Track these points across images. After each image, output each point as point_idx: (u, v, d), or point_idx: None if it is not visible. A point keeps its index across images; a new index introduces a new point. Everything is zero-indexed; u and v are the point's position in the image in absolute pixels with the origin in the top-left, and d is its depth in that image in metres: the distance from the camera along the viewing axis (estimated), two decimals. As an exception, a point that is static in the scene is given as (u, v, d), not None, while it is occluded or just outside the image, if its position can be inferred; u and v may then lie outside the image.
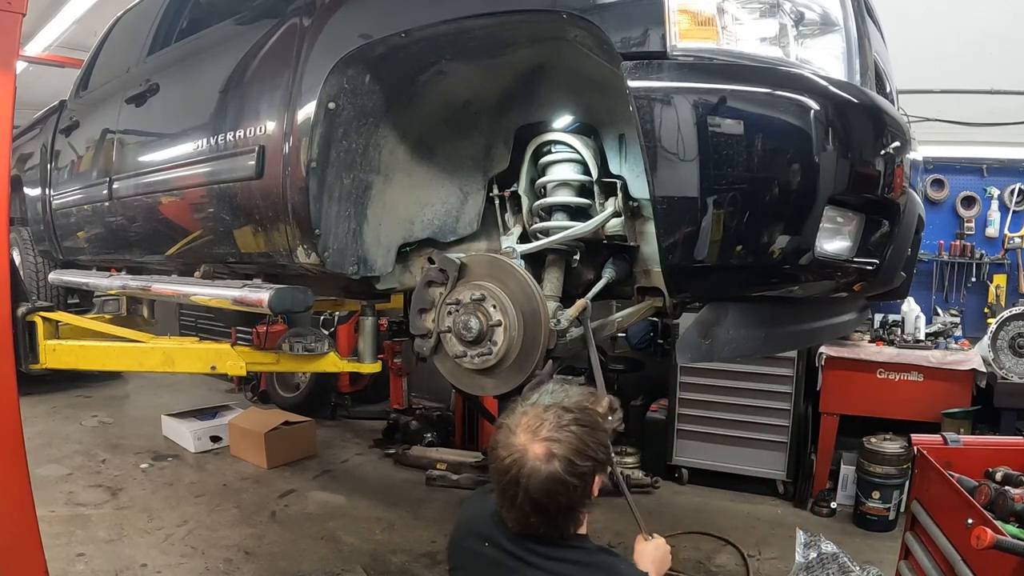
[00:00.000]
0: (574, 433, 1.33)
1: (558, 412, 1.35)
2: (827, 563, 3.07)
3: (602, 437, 1.37)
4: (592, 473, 1.35)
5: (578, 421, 1.35)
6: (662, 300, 2.16)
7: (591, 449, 1.34)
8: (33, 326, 3.11)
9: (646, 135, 1.62)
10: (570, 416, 1.35)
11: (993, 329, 4.11)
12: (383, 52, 2.07)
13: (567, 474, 1.31)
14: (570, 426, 1.33)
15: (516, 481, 1.32)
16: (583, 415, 1.36)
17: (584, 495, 1.36)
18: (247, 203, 2.43)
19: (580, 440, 1.33)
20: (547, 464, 1.31)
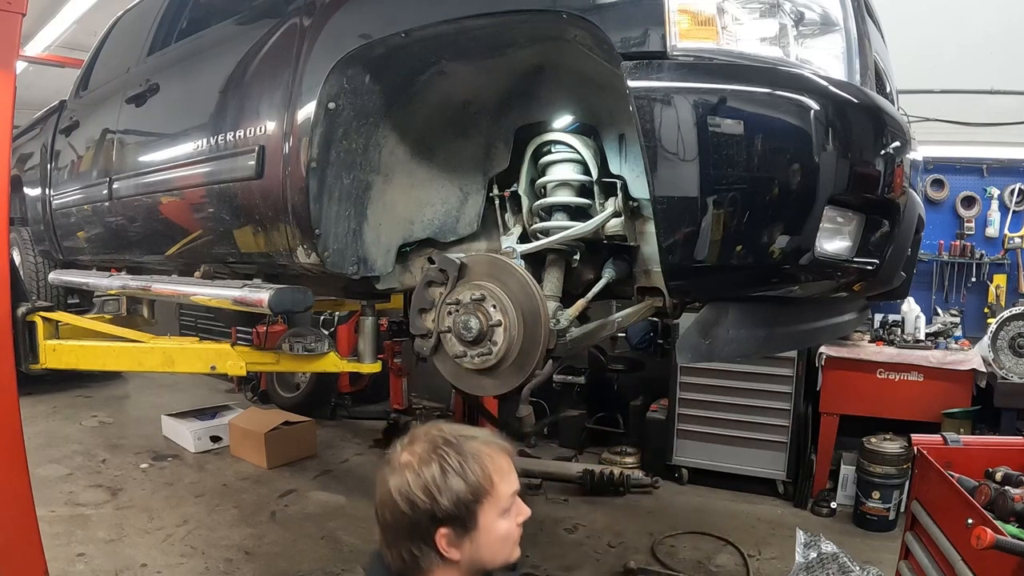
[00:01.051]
0: (437, 463, 1.25)
1: (444, 439, 1.28)
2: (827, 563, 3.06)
3: (459, 488, 1.24)
4: (430, 515, 1.23)
5: (446, 458, 1.25)
6: (662, 300, 2.15)
7: (439, 493, 1.22)
8: (33, 326, 3.11)
9: (646, 135, 1.62)
10: (447, 450, 1.26)
11: (993, 329, 4.11)
12: (383, 52, 2.07)
13: (400, 495, 1.24)
14: (438, 455, 1.26)
15: (378, 477, 1.30)
16: (459, 458, 1.26)
17: (418, 535, 1.25)
18: (247, 203, 2.43)
19: (433, 478, 1.23)
20: (392, 474, 1.27)
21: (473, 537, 1.26)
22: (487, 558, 1.29)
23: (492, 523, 1.27)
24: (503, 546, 1.30)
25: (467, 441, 1.29)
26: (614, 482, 4.55)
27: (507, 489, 1.29)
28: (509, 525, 1.30)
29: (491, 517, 1.27)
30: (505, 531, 1.29)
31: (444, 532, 1.25)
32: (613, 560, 3.69)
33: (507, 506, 1.29)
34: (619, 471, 4.65)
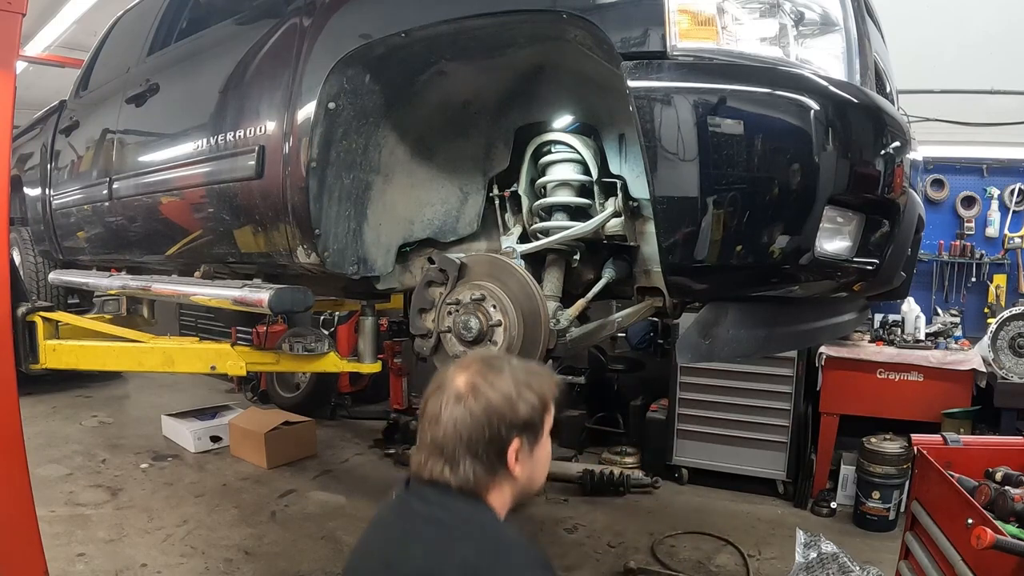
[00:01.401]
0: (507, 379, 1.25)
1: (502, 360, 1.30)
2: (827, 563, 3.06)
3: (531, 398, 1.25)
4: (509, 425, 1.23)
5: (515, 372, 1.27)
6: (662, 300, 2.16)
7: (517, 401, 1.23)
8: (33, 326, 3.11)
9: (646, 135, 1.62)
10: (513, 366, 1.29)
11: (993, 329, 4.11)
12: (383, 52, 2.07)
13: (479, 411, 1.22)
14: (506, 372, 1.26)
15: (429, 408, 1.26)
16: (526, 374, 1.28)
17: (493, 449, 1.23)
18: (247, 203, 2.43)
19: (509, 388, 1.24)
20: (463, 393, 1.23)
21: (535, 451, 1.28)
22: (538, 476, 1.31)
23: (546, 437, 1.31)
24: (547, 466, 1.33)
25: (513, 360, 1.32)
26: (614, 482, 4.55)
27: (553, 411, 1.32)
28: (549, 445, 1.32)
29: (546, 429, 1.30)
30: (549, 451, 1.33)
31: (517, 445, 1.24)
32: (613, 560, 3.69)
33: (551, 425, 1.32)
34: (619, 471, 4.65)
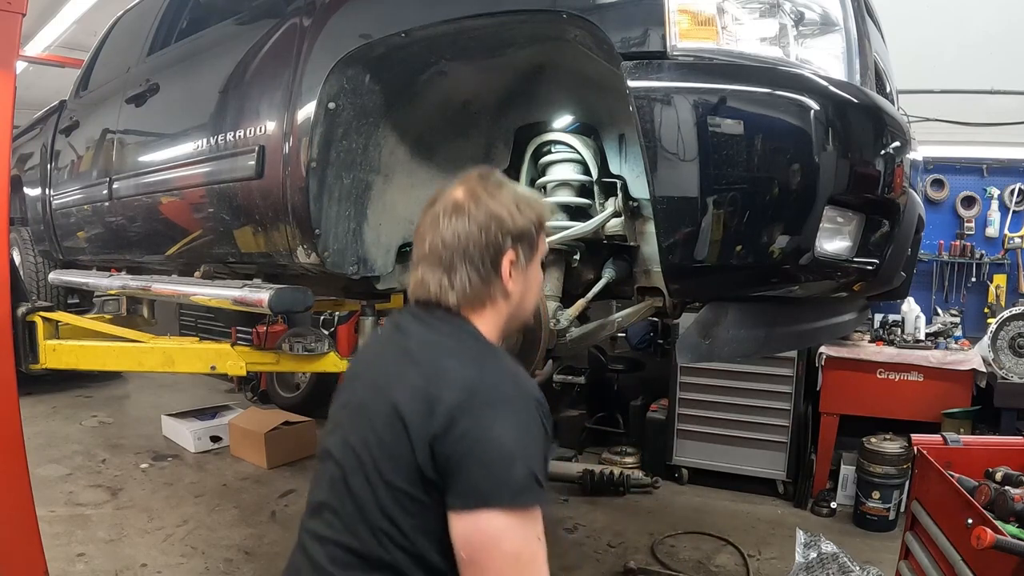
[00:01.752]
0: (507, 192, 1.26)
1: (498, 175, 1.30)
2: (827, 563, 3.06)
3: (531, 214, 1.25)
4: (506, 232, 1.21)
5: (515, 186, 1.29)
6: (662, 300, 2.15)
7: (515, 211, 1.23)
8: (33, 326, 3.10)
9: (646, 135, 1.62)
10: (510, 183, 1.30)
11: (993, 329, 4.11)
12: (383, 52, 2.07)
13: (480, 217, 1.21)
14: (506, 186, 1.27)
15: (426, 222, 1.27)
16: (523, 191, 1.30)
17: (489, 256, 1.21)
18: (247, 203, 2.43)
19: (509, 199, 1.24)
20: (463, 202, 1.23)
21: (528, 269, 1.27)
22: (528, 299, 1.30)
23: (537, 262, 1.30)
24: (537, 289, 1.31)
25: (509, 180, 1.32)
26: (614, 482, 4.55)
27: (545, 241, 1.32)
28: (541, 274, 1.32)
29: (538, 255, 1.29)
30: (541, 279, 1.32)
31: (512, 255, 1.23)
32: (613, 560, 3.69)
33: (543, 255, 1.31)
34: (619, 471, 4.65)
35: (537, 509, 1.08)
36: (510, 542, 1.06)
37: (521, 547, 1.06)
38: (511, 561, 1.06)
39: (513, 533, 1.06)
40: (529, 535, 1.06)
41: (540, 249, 1.29)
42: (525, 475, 1.06)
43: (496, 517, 1.05)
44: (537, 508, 1.08)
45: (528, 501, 1.06)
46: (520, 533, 1.06)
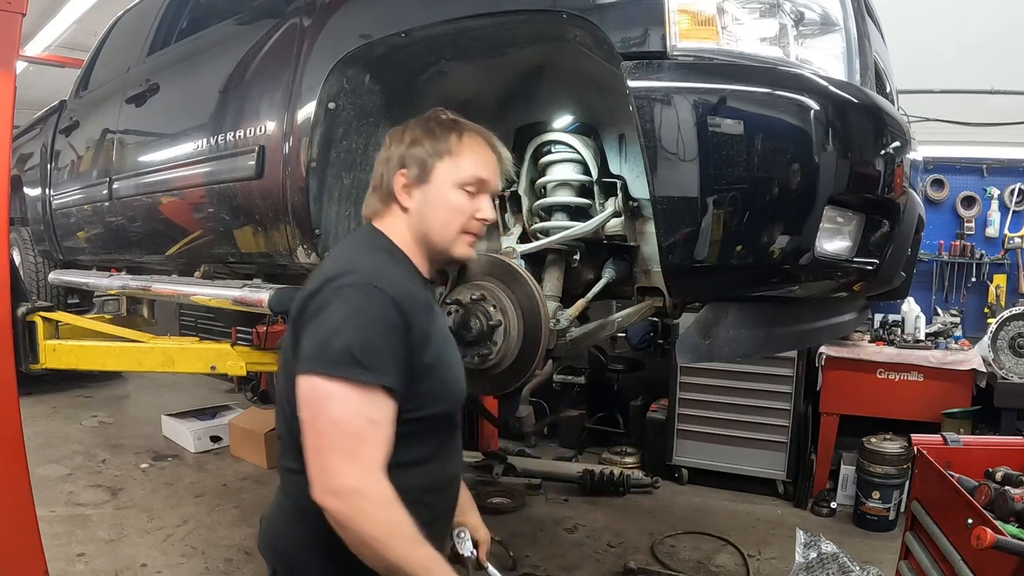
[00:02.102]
0: (419, 126, 1.39)
1: (444, 115, 1.42)
2: (827, 563, 3.06)
3: (429, 144, 1.37)
4: (400, 154, 1.37)
5: (434, 122, 1.40)
6: (662, 300, 2.15)
7: (416, 140, 1.37)
8: (33, 326, 3.11)
9: (646, 135, 1.62)
10: (440, 118, 1.41)
11: (993, 329, 4.11)
12: (383, 52, 2.07)
13: (389, 135, 1.41)
14: (424, 122, 1.41)
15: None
16: (445, 125, 1.40)
17: (387, 179, 1.39)
18: (247, 203, 2.43)
19: (418, 132, 1.38)
20: (387, 142, 1.42)
21: (425, 190, 1.36)
22: (430, 219, 1.37)
23: (446, 185, 1.36)
24: (448, 215, 1.37)
25: (460, 120, 1.42)
26: (614, 482, 4.55)
27: (473, 169, 1.37)
28: (462, 201, 1.37)
29: (446, 178, 1.36)
30: (455, 203, 1.36)
31: (403, 172, 1.36)
32: (613, 560, 3.69)
33: (468, 182, 1.37)
34: (619, 471, 4.66)
35: (368, 390, 1.17)
36: (333, 410, 1.16)
37: (344, 418, 1.16)
38: (334, 428, 1.16)
39: (336, 402, 1.16)
40: (354, 410, 1.16)
41: (438, 173, 1.36)
42: (341, 349, 1.17)
43: (321, 383, 1.17)
44: (367, 389, 1.17)
45: (344, 374, 1.16)
46: (342, 405, 1.16)
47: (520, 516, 4.25)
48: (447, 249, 1.39)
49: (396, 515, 1.17)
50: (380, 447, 1.19)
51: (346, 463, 1.16)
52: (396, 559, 1.16)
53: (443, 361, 1.34)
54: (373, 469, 1.17)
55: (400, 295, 1.24)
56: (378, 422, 1.19)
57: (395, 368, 1.21)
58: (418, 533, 1.19)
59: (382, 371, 1.19)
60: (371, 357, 1.18)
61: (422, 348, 1.27)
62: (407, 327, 1.23)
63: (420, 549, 1.19)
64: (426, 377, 1.28)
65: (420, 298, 1.32)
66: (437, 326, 1.36)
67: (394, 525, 1.17)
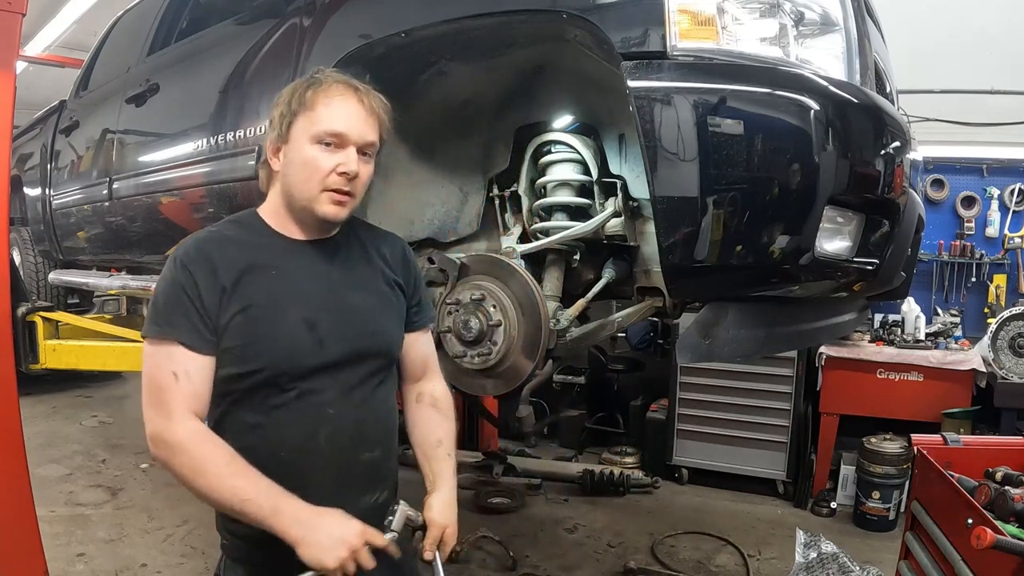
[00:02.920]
0: (291, 86, 1.39)
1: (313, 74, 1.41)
2: (827, 563, 3.06)
3: (284, 103, 1.37)
4: (271, 120, 1.40)
5: (298, 84, 1.38)
6: (662, 300, 2.15)
7: (278, 100, 1.38)
8: (33, 326, 3.11)
9: (646, 135, 1.62)
10: (307, 77, 1.40)
11: (993, 329, 4.11)
12: (383, 52, 2.07)
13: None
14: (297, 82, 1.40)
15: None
16: (303, 84, 1.38)
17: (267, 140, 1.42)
18: (247, 203, 2.40)
19: (284, 96, 1.38)
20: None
21: (286, 150, 1.36)
22: (291, 177, 1.36)
23: (302, 141, 1.33)
24: (305, 172, 1.34)
25: (324, 73, 1.39)
26: (614, 482, 4.55)
27: (329, 122, 1.32)
28: (317, 155, 1.33)
29: (302, 134, 1.33)
30: (310, 157, 1.33)
31: (272, 137, 1.38)
32: (613, 560, 3.69)
33: (322, 136, 1.32)
34: (619, 471, 4.65)
35: (165, 344, 1.27)
36: (144, 365, 1.30)
37: (149, 372, 1.29)
38: (145, 382, 1.29)
39: (146, 360, 1.30)
40: (155, 363, 1.28)
41: (295, 130, 1.34)
42: (149, 314, 1.33)
43: (143, 344, 1.31)
44: (164, 343, 1.27)
45: (147, 332, 1.30)
46: (147, 361, 1.29)
47: (520, 516, 4.25)
48: (310, 207, 1.35)
49: (197, 451, 1.24)
50: (182, 397, 1.26)
51: (152, 412, 1.27)
52: (207, 492, 1.23)
53: (255, 321, 1.31)
54: (176, 416, 1.25)
55: (192, 257, 1.31)
56: (179, 374, 1.26)
57: (190, 325, 1.28)
58: (234, 467, 1.23)
59: (173, 326, 1.27)
60: (164, 315, 1.29)
61: (225, 304, 1.30)
62: (197, 285, 1.28)
63: (230, 481, 1.22)
64: (233, 335, 1.30)
65: (232, 257, 1.33)
66: (262, 285, 1.33)
67: (197, 462, 1.23)
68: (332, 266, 1.41)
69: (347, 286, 1.42)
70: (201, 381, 1.29)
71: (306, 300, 1.36)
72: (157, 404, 1.27)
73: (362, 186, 1.37)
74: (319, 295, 1.38)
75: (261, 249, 1.37)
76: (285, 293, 1.35)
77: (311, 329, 1.34)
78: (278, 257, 1.37)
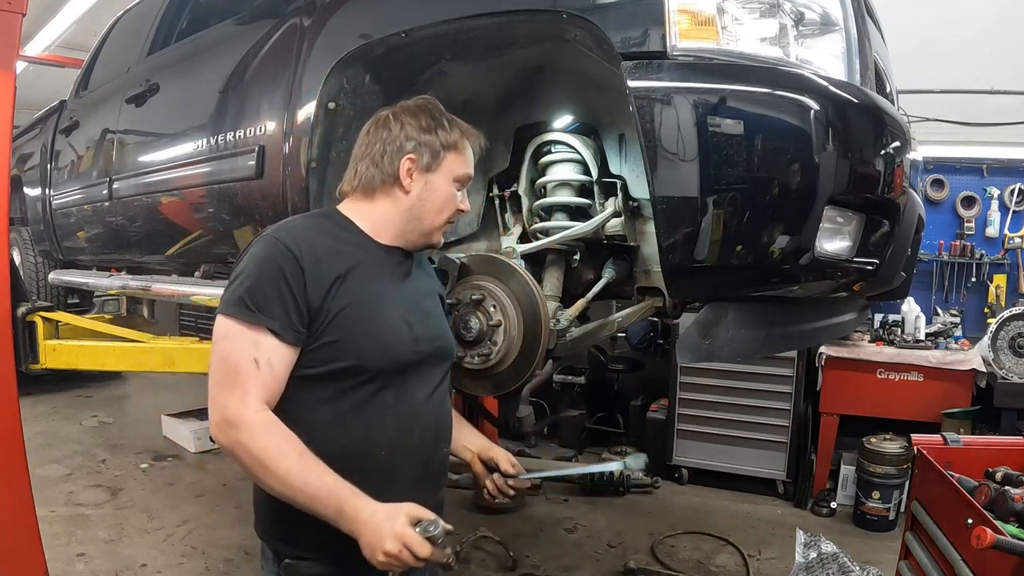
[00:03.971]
0: (430, 112, 1.47)
1: (437, 105, 1.50)
2: (827, 563, 3.06)
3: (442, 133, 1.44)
4: (408, 137, 1.43)
5: (438, 113, 1.47)
6: (662, 300, 2.15)
7: (428, 127, 1.43)
8: (33, 326, 3.11)
9: (646, 135, 1.62)
10: (439, 110, 1.48)
11: (993, 329, 4.11)
12: (383, 52, 2.07)
13: (389, 130, 1.44)
14: (425, 112, 1.47)
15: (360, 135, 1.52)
16: (447, 117, 1.47)
17: (389, 154, 1.43)
18: (247, 203, 2.43)
19: (428, 121, 1.44)
20: (384, 117, 1.47)
21: (429, 179, 1.43)
22: (428, 205, 1.44)
23: (447, 178, 1.45)
24: (441, 206, 1.45)
25: (445, 113, 1.49)
26: (614, 482, 4.55)
27: (469, 166, 1.49)
28: (452, 194, 1.46)
29: (449, 172, 1.45)
30: (448, 195, 1.46)
31: (412, 157, 1.42)
32: (613, 560, 3.69)
33: (459, 178, 1.47)
34: (619, 471, 4.65)
35: (254, 329, 1.24)
36: (222, 347, 1.26)
37: (228, 354, 1.25)
38: (220, 364, 1.25)
39: (225, 341, 1.26)
40: (238, 347, 1.24)
41: (445, 165, 1.44)
42: (237, 292, 1.27)
43: (219, 322, 1.27)
44: (253, 328, 1.24)
45: (233, 313, 1.25)
46: (229, 343, 1.25)
47: (520, 516, 4.25)
48: (431, 233, 1.47)
49: (268, 441, 1.22)
50: (261, 384, 1.24)
51: (224, 395, 1.24)
52: (273, 484, 1.22)
53: (362, 318, 1.33)
54: (250, 402, 1.23)
55: (299, 243, 1.30)
56: (261, 362, 1.24)
57: (284, 314, 1.26)
58: (304, 463, 1.21)
59: (268, 314, 1.25)
60: (259, 300, 1.25)
61: (327, 298, 1.29)
62: (303, 273, 1.27)
63: (301, 477, 1.20)
64: (338, 328, 1.30)
65: (334, 250, 1.35)
66: (367, 283, 1.37)
67: (268, 453, 1.21)
68: (411, 274, 1.51)
69: (422, 293, 1.53)
70: (283, 372, 1.28)
71: (402, 301, 1.44)
72: (231, 387, 1.24)
73: None
74: (410, 298, 1.47)
75: (359, 247, 1.41)
76: (387, 292, 1.41)
77: (410, 328, 1.41)
78: (374, 258, 1.43)
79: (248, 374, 1.24)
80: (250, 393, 1.24)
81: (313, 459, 1.23)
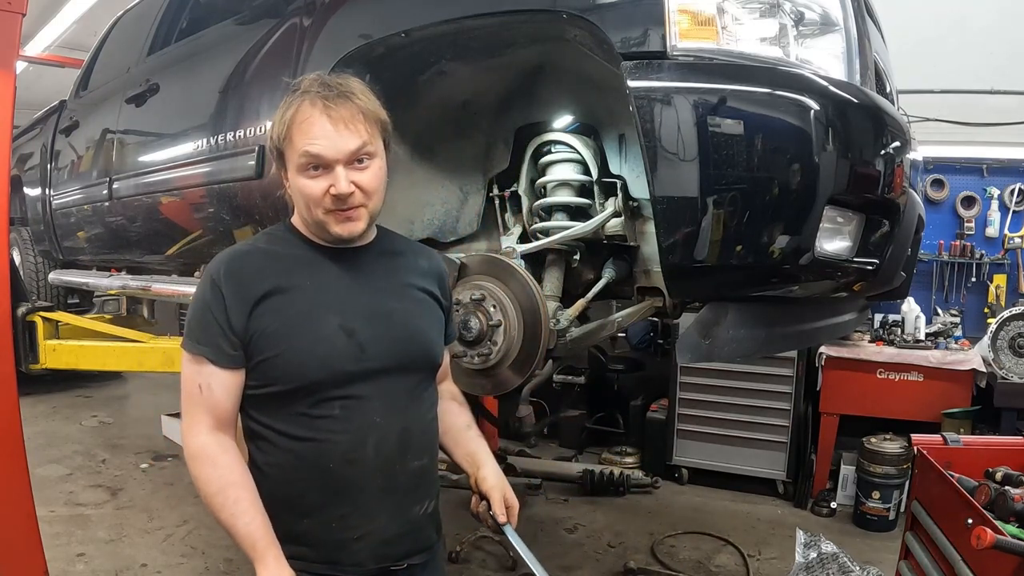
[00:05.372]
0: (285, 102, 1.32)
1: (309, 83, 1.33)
2: (827, 563, 3.06)
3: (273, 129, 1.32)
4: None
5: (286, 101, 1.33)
6: (662, 300, 2.15)
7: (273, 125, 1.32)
8: (33, 326, 3.11)
9: (646, 135, 1.62)
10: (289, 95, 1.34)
11: (993, 329, 4.11)
12: (383, 52, 2.07)
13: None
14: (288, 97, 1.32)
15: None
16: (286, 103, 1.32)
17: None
18: (247, 203, 2.43)
19: (275, 114, 1.33)
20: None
21: (288, 176, 1.34)
22: (298, 204, 1.36)
23: (292, 173, 1.31)
24: (302, 200, 1.32)
25: (297, 92, 1.31)
26: (614, 482, 4.55)
27: (305, 149, 1.26)
28: (307, 184, 1.29)
29: (291, 167, 1.31)
30: (302, 186, 1.30)
31: (277, 166, 1.37)
32: (613, 560, 3.69)
33: (303, 166, 1.28)
34: (619, 471, 4.65)
35: (196, 359, 1.32)
36: (182, 374, 1.36)
37: (183, 380, 1.35)
38: (182, 392, 1.36)
39: (183, 368, 1.36)
40: (188, 374, 1.34)
41: (289, 156, 1.30)
42: (186, 325, 1.36)
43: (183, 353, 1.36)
44: (195, 357, 1.32)
45: (183, 344, 1.35)
46: (184, 371, 1.35)
47: (520, 516, 4.24)
48: (324, 228, 1.33)
49: (199, 470, 1.29)
50: (205, 409, 1.31)
51: (184, 422, 1.34)
52: (206, 507, 1.28)
53: (289, 334, 1.30)
54: (200, 429, 1.31)
55: (222, 271, 1.32)
56: (203, 387, 1.31)
57: (215, 341, 1.30)
58: (225, 496, 1.26)
59: (203, 342, 1.31)
60: (195, 330, 1.33)
61: (250, 319, 1.30)
62: (223, 300, 1.30)
63: (222, 512, 1.26)
64: (267, 346, 1.30)
65: (260, 269, 1.32)
66: (298, 296, 1.32)
67: (196, 480, 1.29)
68: (369, 273, 1.40)
69: (385, 293, 1.40)
70: (223, 395, 1.32)
71: (343, 308, 1.34)
72: (185, 413, 1.35)
73: (372, 192, 1.32)
74: (357, 302, 1.36)
75: (295, 259, 1.36)
76: (321, 301, 1.33)
77: (350, 336, 1.33)
78: (313, 266, 1.36)
79: (195, 400, 1.33)
80: (195, 418, 1.32)
81: (237, 495, 1.26)
